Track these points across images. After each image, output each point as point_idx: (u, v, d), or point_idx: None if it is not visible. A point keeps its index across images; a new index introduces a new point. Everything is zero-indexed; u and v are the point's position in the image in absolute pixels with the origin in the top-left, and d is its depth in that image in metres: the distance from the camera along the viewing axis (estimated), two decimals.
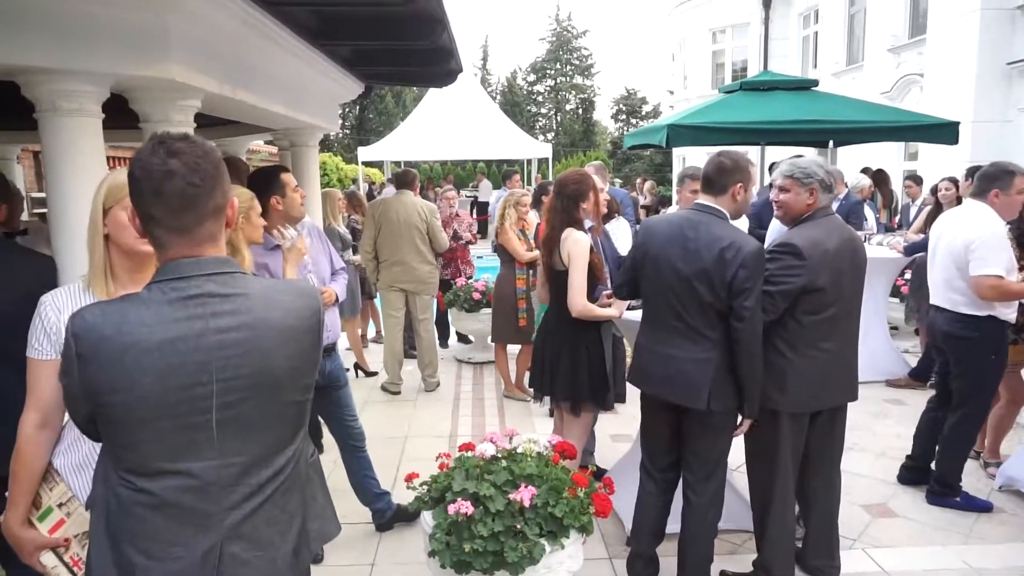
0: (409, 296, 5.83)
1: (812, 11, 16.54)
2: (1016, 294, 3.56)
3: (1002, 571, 3.20)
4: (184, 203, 1.30)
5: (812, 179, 2.87)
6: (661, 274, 2.75)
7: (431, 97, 18.94)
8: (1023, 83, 9.85)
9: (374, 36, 4.02)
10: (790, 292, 2.73)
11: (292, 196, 3.11)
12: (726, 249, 2.59)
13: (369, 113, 39.06)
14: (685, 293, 2.68)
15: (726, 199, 2.78)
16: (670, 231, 2.78)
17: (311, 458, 1.60)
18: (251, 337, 1.33)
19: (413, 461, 4.32)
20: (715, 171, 2.79)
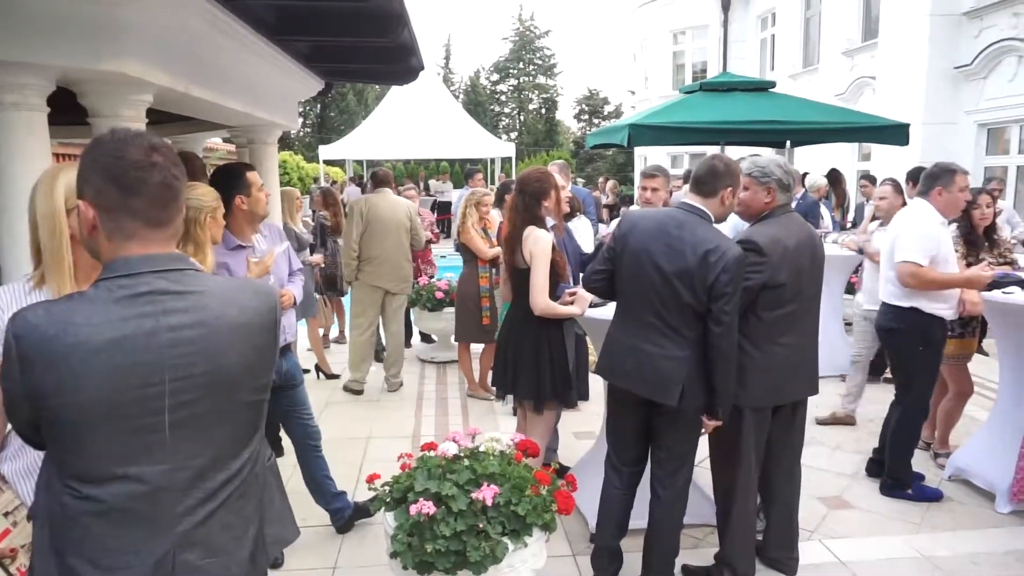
0: (387, 295, 5.77)
1: (769, 14, 16.85)
2: (939, 283, 3.67)
3: (952, 558, 3.31)
4: (169, 195, 1.30)
5: (769, 178, 2.93)
6: (642, 269, 2.74)
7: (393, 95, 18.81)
8: (969, 87, 10.19)
9: (334, 32, 3.98)
10: (751, 288, 2.78)
11: (257, 196, 3.06)
12: (711, 252, 2.60)
13: (330, 111, 38.57)
14: (665, 291, 2.68)
15: (715, 202, 2.79)
16: (654, 227, 2.76)
17: (268, 461, 1.56)
18: (205, 335, 1.30)
19: (376, 462, 4.27)
20: (708, 173, 2.78)
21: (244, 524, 1.40)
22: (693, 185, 2.82)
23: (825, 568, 3.23)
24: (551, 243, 3.31)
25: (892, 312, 3.82)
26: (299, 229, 6.08)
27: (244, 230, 3.09)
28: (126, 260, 1.28)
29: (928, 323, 3.73)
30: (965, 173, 3.80)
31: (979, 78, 9.99)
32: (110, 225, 1.29)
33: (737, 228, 4.83)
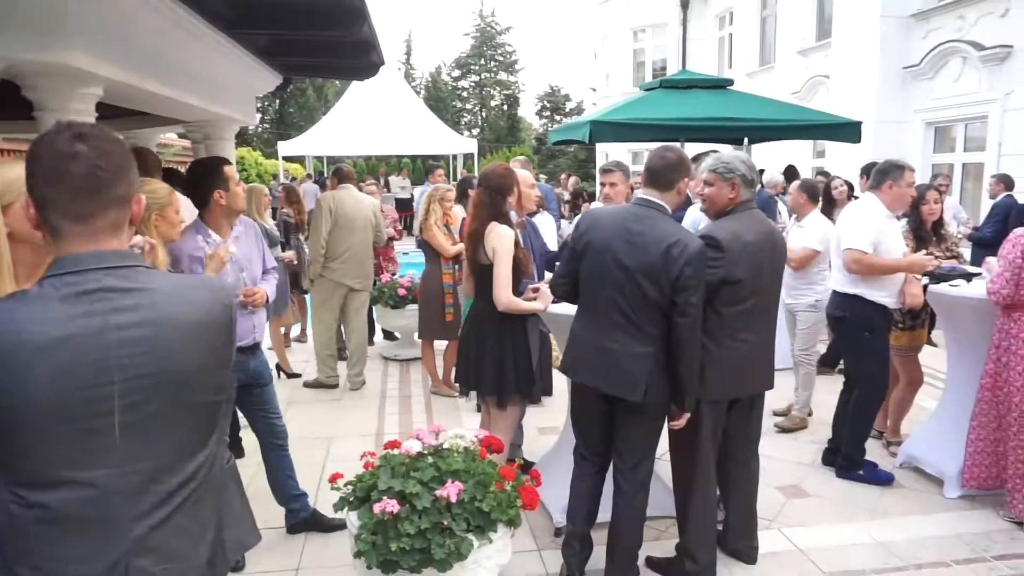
0: (349, 293, 5.71)
1: (727, 13, 17.12)
2: (881, 268, 3.82)
3: (904, 542, 3.41)
4: (88, 187, 1.23)
5: (734, 174, 2.97)
6: (605, 267, 2.75)
7: (354, 91, 18.61)
8: (917, 87, 10.50)
9: (292, 26, 3.91)
10: (710, 283, 2.82)
11: (235, 190, 3.04)
12: (673, 246, 2.62)
13: (290, 107, 37.95)
14: (629, 288, 2.69)
15: (672, 194, 2.81)
16: (614, 224, 2.78)
17: (227, 464, 1.52)
18: (155, 334, 1.26)
19: (339, 461, 4.22)
20: (663, 167, 2.79)
21: (201, 528, 1.37)
22: (649, 179, 2.82)
23: (784, 556, 3.30)
24: (514, 239, 3.31)
25: (839, 300, 3.97)
26: (269, 225, 5.98)
27: (221, 224, 3.08)
28: (73, 257, 1.24)
29: (871, 310, 3.86)
30: (912, 170, 3.97)
31: (927, 78, 10.31)
32: (44, 219, 1.24)
33: (695, 223, 4.92)
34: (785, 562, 3.25)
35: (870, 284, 3.84)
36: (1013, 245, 3.40)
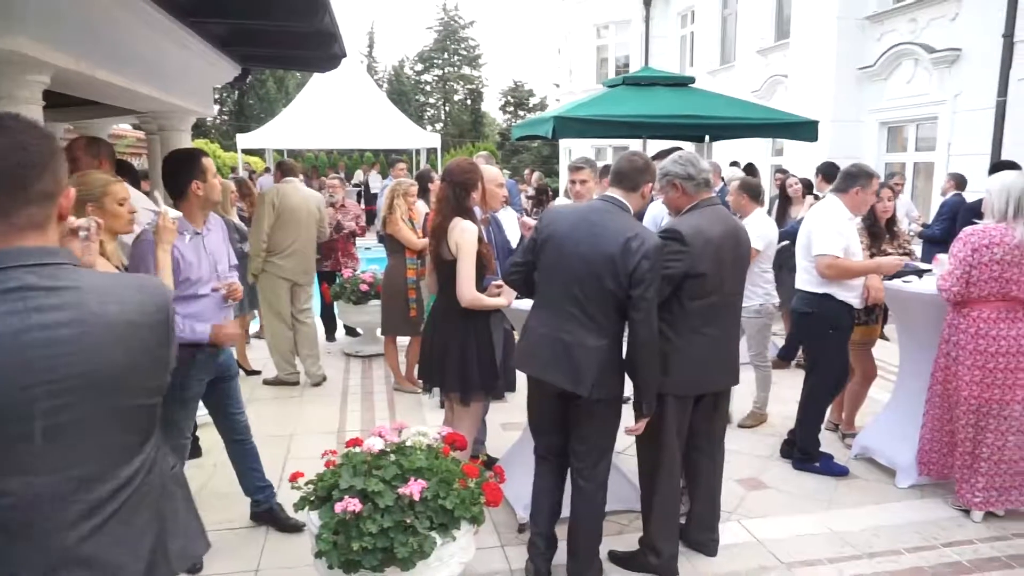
0: (294, 287, 5.65)
1: (689, 11, 17.30)
2: (854, 272, 3.94)
3: (859, 532, 3.50)
4: (6, 182, 1.17)
5: (667, 176, 3.05)
6: (564, 259, 2.76)
7: (315, 83, 18.29)
8: (872, 87, 10.77)
9: (250, 15, 3.82)
10: (674, 276, 2.84)
11: (212, 182, 3.03)
12: (632, 239, 2.65)
13: (249, 98, 37.18)
14: (588, 279, 2.70)
15: (636, 196, 2.85)
16: (576, 218, 2.81)
17: (172, 470, 1.45)
18: (82, 334, 1.19)
19: (299, 460, 4.16)
20: (630, 169, 2.85)
21: (138, 537, 1.30)
22: (615, 180, 2.88)
23: (743, 547, 3.36)
24: (477, 234, 3.30)
25: (808, 298, 4.03)
26: (237, 221, 5.87)
27: (196, 216, 3.04)
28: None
29: (839, 309, 3.96)
30: (879, 179, 4.08)
31: (881, 79, 10.57)
32: None
33: (656, 221, 4.97)
34: (745, 553, 3.30)
35: (840, 284, 3.92)
36: (963, 244, 3.50)
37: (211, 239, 3.13)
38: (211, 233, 3.15)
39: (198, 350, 3.03)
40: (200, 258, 3.04)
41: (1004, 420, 3.49)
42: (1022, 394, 3.48)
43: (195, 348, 3.02)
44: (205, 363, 3.08)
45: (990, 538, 3.45)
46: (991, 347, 3.47)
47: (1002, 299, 3.44)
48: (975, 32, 8.86)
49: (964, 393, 3.55)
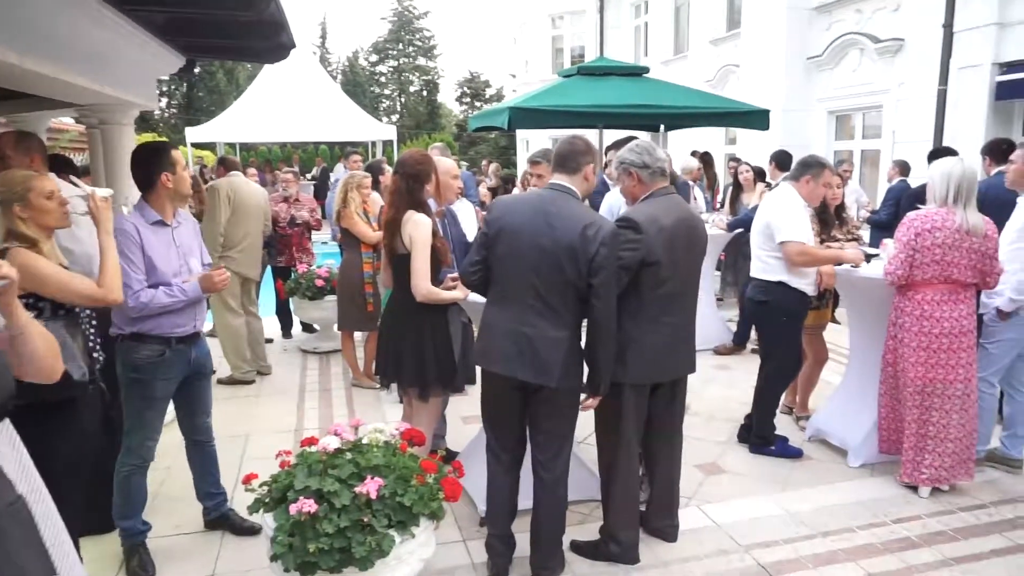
0: (245, 283, 5.57)
1: (643, 2, 17.42)
2: (821, 259, 4.02)
3: (812, 511, 3.58)
4: None
5: (624, 164, 3.06)
6: (520, 251, 2.72)
7: (267, 75, 17.89)
8: (821, 76, 10.99)
9: (192, 4, 3.68)
10: (631, 265, 2.85)
11: (182, 174, 3.00)
12: (588, 227, 2.65)
13: (198, 91, 36.19)
14: (546, 270, 2.68)
15: (579, 178, 2.83)
16: (529, 208, 2.77)
17: (10, 506, 1.29)
18: None
19: (255, 460, 4.08)
20: (571, 152, 2.83)
21: None
22: (557, 164, 2.86)
23: (703, 532, 3.40)
24: (431, 228, 3.25)
25: (763, 286, 4.09)
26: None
27: (166, 207, 3.01)
28: None
29: (793, 297, 4.02)
30: (832, 170, 4.15)
31: (828, 68, 10.80)
32: None
33: (613, 210, 4.99)
34: (704, 538, 3.35)
35: (793, 272, 3.98)
36: (907, 228, 3.59)
37: (182, 232, 3.09)
38: (181, 227, 3.10)
39: (168, 347, 2.96)
40: (168, 249, 2.98)
41: (948, 399, 3.61)
42: (964, 373, 3.60)
43: (165, 344, 2.95)
44: (174, 361, 3.00)
45: (937, 512, 3.57)
46: (934, 328, 3.57)
47: (944, 282, 3.54)
48: (917, 22, 9.10)
49: (910, 374, 3.65)
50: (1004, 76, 7.93)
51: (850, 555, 3.20)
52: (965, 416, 3.64)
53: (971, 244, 3.48)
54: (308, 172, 20.09)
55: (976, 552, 3.23)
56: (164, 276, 2.91)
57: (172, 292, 2.89)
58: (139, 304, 2.81)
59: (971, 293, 3.60)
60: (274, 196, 6.79)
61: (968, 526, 3.45)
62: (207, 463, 3.37)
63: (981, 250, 3.49)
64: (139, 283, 2.82)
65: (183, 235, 3.09)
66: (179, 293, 2.90)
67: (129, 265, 2.79)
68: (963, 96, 8.36)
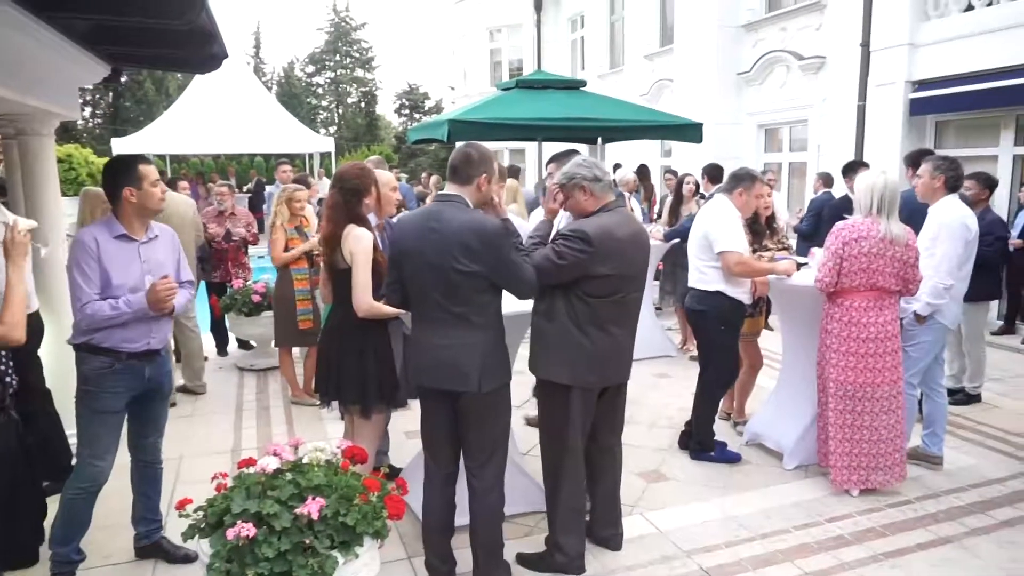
0: None
1: (579, 16, 17.73)
2: (757, 271, 4.14)
3: (752, 514, 3.68)
4: None
5: (576, 179, 3.05)
6: (418, 271, 2.80)
7: (198, 85, 17.41)
8: (750, 91, 11.41)
9: (115, 11, 3.54)
10: (570, 268, 2.88)
11: (150, 190, 2.94)
12: (469, 233, 2.69)
13: (125, 100, 34.89)
14: (444, 285, 2.74)
15: (471, 189, 2.85)
16: (416, 226, 2.83)
17: None
18: None
19: (190, 484, 3.93)
20: (463, 161, 2.86)
21: None
22: (450, 174, 2.89)
23: (647, 539, 3.45)
24: (372, 241, 3.21)
25: (699, 296, 4.19)
26: None
27: (132, 222, 2.96)
28: None
29: (730, 305, 4.13)
30: (764, 182, 4.29)
31: (757, 84, 11.22)
32: None
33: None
34: (648, 545, 3.39)
35: (729, 281, 4.10)
36: (835, 237, 3.75)
37: (152, 248, 3.02)
38: (153, 242, 3.04)
39: (117, 360, 2.87)
40: (130, 263, 2.90)
41: (876, 402, 3.76)
42: (891, 376, 3.76)
43: (114, 358, 2.86)
44: (125, 375, 2.91)
45: (867, 510, 3.71)
46: (862, 333, 3.72)
47: (870, 289, 3.71)
48: (837, 41, 9.55)
49: (838, 378, 3.80)
50: (916, 93, 8.40)
51: (787, 555, 3.29)
52: (894, 418, 3.80)
53: (894, 253, 3.65)
54: (244, 185, 19.57)
55: (903, 547, 3.37)
56: (120, 291, 2.85)
57: (116, 305, 2.81)
58: (83, 316, 2.79)
59: (895, 300, 3.78)
60: (208, 210, 6.61)
61: (895, 522, 3.60)
62: (148, 484, 3.26)
63: (903, 258, 3.67)
64: (87, 296, 2.79)
65: (153, 251, 3.02)
66: (123, 306, 2.82)
67: (82, 278, 2.79)
68: (880, 111, 8.80)
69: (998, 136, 7.88)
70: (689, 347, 6.74)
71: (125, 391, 2.94)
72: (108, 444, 2.97)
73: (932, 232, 4.01)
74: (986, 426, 4.94)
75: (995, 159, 7.88)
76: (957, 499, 3.85)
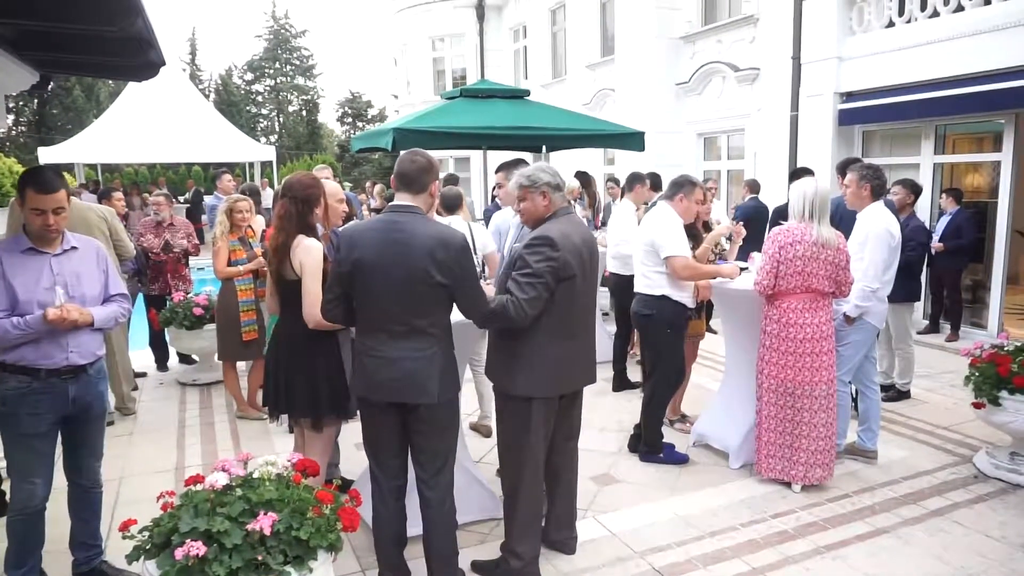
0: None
1: (521, 27, 17.89)
2: (703, 274, 4.27)
3: (700, 514, 3.77)
4: None
5: (539, 183, 3.07)
6: (378, 284, 2.71)
7: (131, 92, 16.88)
8: (688, 100, 11.72)
9: (45, 16, 3.42)
10: (549, 280, 2.87)
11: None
12: (437, 247, 2.67)
13: (52, 108, 33.47)
14: (408, 297, 2.70)
15: (424, 197, 2.84)
16: (378, 238, 2.73)
17: None
18: None
19: (131, 505, 3.79)
20: (414, 170, 2.82)
21: None
22: (402, 183, 2.83)
23: (599, 542, 3.50)
24: (322, 252, 3.18)
25: (645, 300, 4.29)
26: None
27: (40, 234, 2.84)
28: None
29: (675, 309, 4.25)
30: (703, 187, 4.42)
31: (696, 94, 11.54)
32: None
33: (501, 230, 5.06)
34: (602, 548, 3.44)
35: (674, 286, 4.20)
36: (772, 242, 3.90)
37: (69, 261, 2.90)
38: (68, 255, 2.91)
39: (35, 378, 2.75)
40: (38, 277, 2.78)
41: (815, 399, 3.92)
42: (826, 375, 3.93)
43: (31, 376, 2.74)
44: (45, 395, 2.78)
45: (808, 505, 3.86)
46: (798, 334, 3.88)
47: (805, 291, 3.86)
48: (770, 53, 9.92)
49: (777, 376, 3.95)
50: (844, 104, 8.79)
51: (736, 552, 3.39)
52: (830, 415, 3.96)
53: (827, 256, 3.82)
54: (180, 195, 19.01)
55: (843, 539, 3.51)
56: (29, 307, 2.73)
57: (16, 323, 2.69)
58: None
59: (829, 301, 3.95)
60: (145, 221, 6.41)
61: (836, 515, 3.75)
62: (86, 509, 3.14)
63: (835, 261, 3.84)
64: None
65: (68, 263, 2.89)
66: (22, 324, 2.70)
67: None
68: (812, 121, 9.17)
69: (919, 145, 8.30)
70: (636, 351, 6.86)
71: (47, 412, 2.82)
72: (37, 467, 2.86)
73: (860, 238, 4.21)
74: (916, 420, 5.19)
75: (917, 167, 8.30)
76: (891, 491, 4.03)
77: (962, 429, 4.96)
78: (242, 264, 5.14)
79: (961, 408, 5.13)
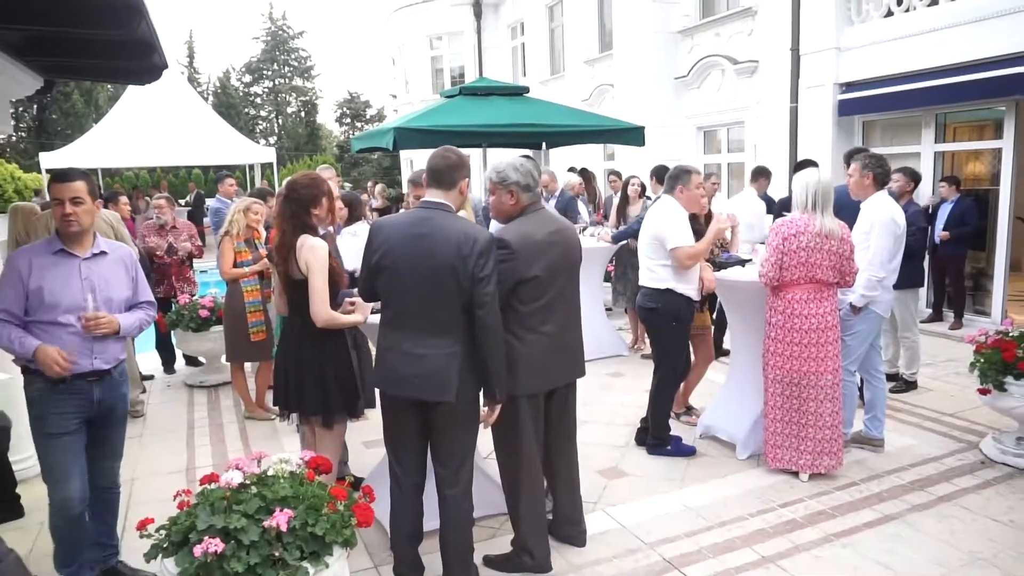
0: None
1: (519, 24, 17.88)
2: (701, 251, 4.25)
3: (709, 504, 3.79)
4: None
5: (506, 181, 3.06)
6: (404, 279, 2.74)
7: (131, 96, 16.89)
8: (688, 95, 11.72)
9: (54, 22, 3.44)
10: (505, 278, 2.86)
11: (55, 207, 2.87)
12: (463, 244, 2.68)
13: (52, 113, 33.48)
14: (432, 295, 2.71)
15: (454, 194, 2.85)
16: (402, 234, 2.77)
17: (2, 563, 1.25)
18: None
19: (144, 506, 3.81)
20: (445, 166, 2.84)
21: None
22: (432, 180, 2.85)
23: (610, 534, 3.52)
24: (328, 251, 3.20)
25: (651, 294, 4.30)
26: None
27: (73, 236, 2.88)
28: None
29: (680, 302, 4.26)
30: (699, 173, 4.42)
31: (694, 87, 11.54)
32: None
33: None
34: (612, 540, 3.46)
35: (679, 279, 4.21)
36: (776, 233, 3.91)
37: (98, 265, 2.92)
38: (100, 259, 2.94)
39: (60, 380, 2.77)
40: (68, 281, 2.81)
41: (820, 389, 3.93)
42: (832, 364, 3.94)
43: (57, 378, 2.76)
44: (70, 397, 2.82)
45: (817, 494, 3.88)
46: (803, 324, 3.89)
47: (809, 281, 3.88)
48: (768, 45, 9.92)
49: (782, 367, 3.96)
50: (844, 95, 8.79)
51: (745, 541, 3.41)
52: (836, 404, 3.98)
53: (830, 246, 3.83)
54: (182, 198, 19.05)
55: (852, 526, 3.54)
56: (54, 311, 2.76)
57: (12, 339, 2.71)
58: None
59: (833, 291, 3.96)
60: (148, 223, 6.44)
61: (844, 503, 3.77)
62: (105, 511, 3.17)
63: (839, 252, 3.86)
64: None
65: (98, 267, 2.91)
66: (16, 345, 2.72)
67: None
68: (811, 112, 9.18)
69: (920, 134, 8.31)
70: (641, 346, 6.89)
71: (73, 413, 2.85)
72: (71, 467, 2.88)
73: (865, 227, 4.22)
74: (922, 408, 5.21)
75: (918, 156, 8.30)
76: (898, 478, 4.05)
77: (968, 415, 4.98)
78: (248, 266, 5.17)
79: (966, 394, 5.15)
